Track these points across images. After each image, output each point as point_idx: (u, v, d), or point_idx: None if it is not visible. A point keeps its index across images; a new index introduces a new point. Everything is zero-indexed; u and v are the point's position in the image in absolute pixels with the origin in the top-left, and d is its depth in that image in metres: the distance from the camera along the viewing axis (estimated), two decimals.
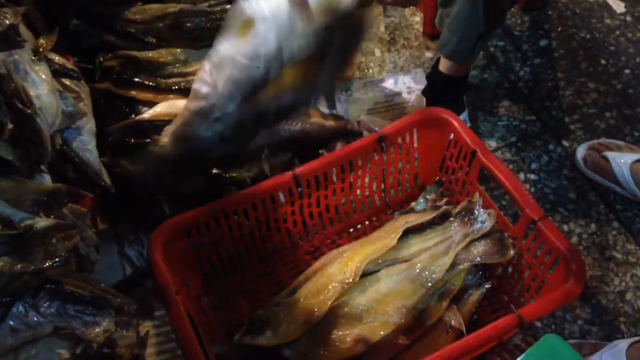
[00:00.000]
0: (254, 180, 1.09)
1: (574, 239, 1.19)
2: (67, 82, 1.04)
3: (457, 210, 1.04)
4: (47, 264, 0.77)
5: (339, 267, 0.96)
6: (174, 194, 1.10)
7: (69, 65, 1.08)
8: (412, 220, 1.02)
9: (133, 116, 1.15)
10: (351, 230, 1.17)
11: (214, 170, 1.10)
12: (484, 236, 1.01)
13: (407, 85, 1.45)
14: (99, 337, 0.80)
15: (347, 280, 0.93)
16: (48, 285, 0.80)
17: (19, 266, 0.73)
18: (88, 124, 1.03)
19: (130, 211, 1.13)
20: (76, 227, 0.82)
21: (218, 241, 1.05)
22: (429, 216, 1.02)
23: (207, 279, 1.08)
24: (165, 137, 1.09)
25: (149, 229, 0.99)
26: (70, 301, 0.80)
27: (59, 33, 1.01)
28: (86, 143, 1.00)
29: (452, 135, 1.09)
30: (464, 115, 1.32)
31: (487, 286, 1.02)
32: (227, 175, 1.10)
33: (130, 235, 1.13)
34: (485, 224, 1.01)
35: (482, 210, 1.03)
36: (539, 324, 1.08)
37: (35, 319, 0.77)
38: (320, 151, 1.17)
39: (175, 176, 0.92)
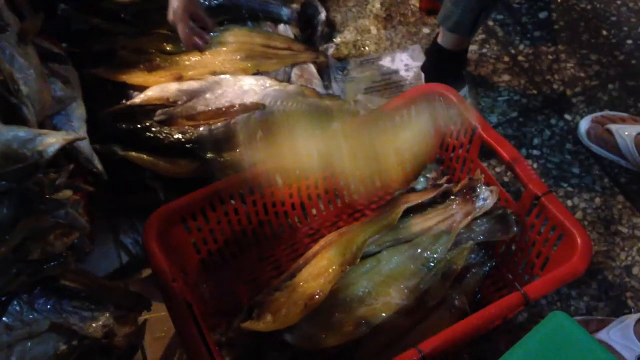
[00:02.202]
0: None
1: (579, 214, 1.17)
2: (55, 67, 1.02)
3: (458, 188, 1.02)
4: (45, 266, 0.76)
5: (339, 249, 0.94)
6: (169, 179, 1.08)
7: (57, 49, 1.06)
8: (413, 200, 1.00)
9: (124, 101, 1.13)
10: (351, 212, 1.15)
11: (209, 155, 1.09)
12: (487, 214, 0.99)
13: (405, 63, 1.42)
14: (97, 332, 0.79)
15: (348, 263, 0.91)
16: (44, 282, 0.79)
17: (15, 269, 0.71)
18: (78, 110, 1.01)
19: (124, 198, 1.11)
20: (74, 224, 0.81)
21: (215, 227, 1.03)
22: (430, 195, 1.00)
23: (205, 265, 1.07)
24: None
25: (144, 216, 0.97)
26: (67, 297, 0.79)
27: (47, 18, 0.99)
28: (77, 129, 0.99)
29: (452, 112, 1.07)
30: (464, 91, 1.30)
31: (490, 265, 1.01)
32: (222, 159, 1.09)
33: (125, 223, 1.11)
34: (488, 201, 0.99)
35: (484, 187, 1.01)
36: (544, 302, 1.07)
37: (32, 316, 0.76)
38: None
39: None
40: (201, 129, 1.10)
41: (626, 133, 1.19)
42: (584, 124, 1.27)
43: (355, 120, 1.11)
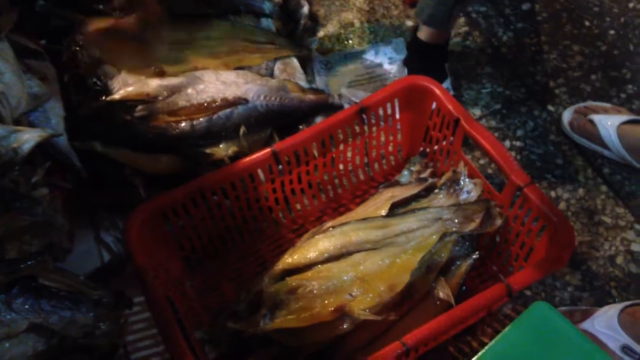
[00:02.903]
0: (232, 159, 1.06)
1: (562, 205, 1.18)
2: (31, 63, 1.00)
3: (442, 181, 1.02)
4: (22, 265, 0.75)
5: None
6: (150, 175, 1.07)
7: (33, 45, 1.04)
8: (398, 194, 1.00)
9: (104, 97, 1.11)
10: (335, 206, 1.15)
11: (191, 150, 1.08)
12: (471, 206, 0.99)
13: (389, 56, 1.42)
14: (77, 332, 0.78)
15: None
16: (22, 281, 0.77)
17: None
18: (55, 106, 0.99)
19: (105, 196, 1.10)
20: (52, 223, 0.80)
21: (197, 223, 1.02)
22: (414, 190, 1.00)
23: (188, 262, 1.06)
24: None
25: (125, 213, 0.97)
26: (45, 296, 0.78)
27: (25, 14, 0.97)
28: (54, 126, 0.97)
29: (434, 104, 1.07)
30: (446, 84, 1.30)
31: (474, 257, 1.01)
32: (204, 155, 1.08)
33: (106, 221, 1.10)
34: (472, 193, 0.99)
35: (467, 180, 1.01)
36: (528, 293, 1.07)
37: (9, 316, 0.75)
38: (300, 126, 1.14)
39: None
40: (182, 124, 1.09)
41: (609, 123, 1.19)
42: (567, 115, 1.27)
43: None
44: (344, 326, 0.90)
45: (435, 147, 1.11)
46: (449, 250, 0.98)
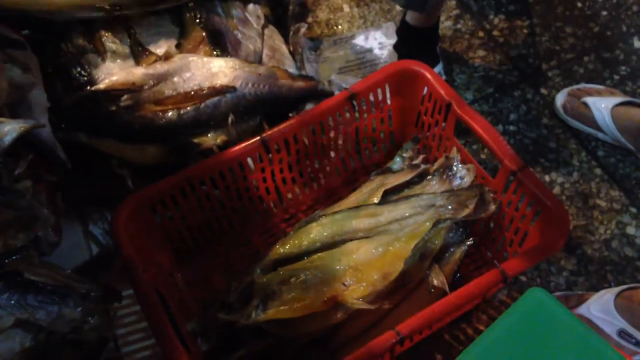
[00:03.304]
0: (220, 148, 1.05)
1: (556, 189, 1.17)
2: (13, 52, 0.98)
3: (434, 167, 1.01)
4: (7, 260, 0.74)
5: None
6: (137, 166, 1.05)
7: (15, 35, 1.02)
8: (390, 182, 0.99)
9: (88, 87, 1.09)
10: (328, 194, 1.14)
11: (178, 140, 1.06)
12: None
13: (379, 41, 1.40)
14: (64, 327, 0.77)
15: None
16: (7, 276, 0.76)
17: None
18: (38, 97, 0.97)
19: (92, 188, 1.08)
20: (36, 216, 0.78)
21: (186, 214, 1.01)
22: (407, 177, 0.99)
23: (178, 254, 1.05)
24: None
25: (113, 205, 0.95)
26: (31, 291, 0.77)
27: None
28: (37, 117, 0.95)
29: (426, 89, 1.06)
30: (438, 68, 1.28)
31: (468, 243, 1.00)
32: (192, 145, 1.06)
33: (94, 214, 1.09)
34: (465, 179, 0.98)
35: (460, 165, 1.00)
36: (523, 278, 1.07)
37: None
38: (289, 114, 1.12)
39: None
40: (169, 113, 1.07)
41: (602, 105, 1.18)
42: (560, 98, 1.26)
43: None
44: (338, 316, 0.89)
45: (428, 133, 1.10)
46: (442, 237, 0.97)
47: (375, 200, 0.99)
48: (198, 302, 1.02)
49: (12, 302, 0.75)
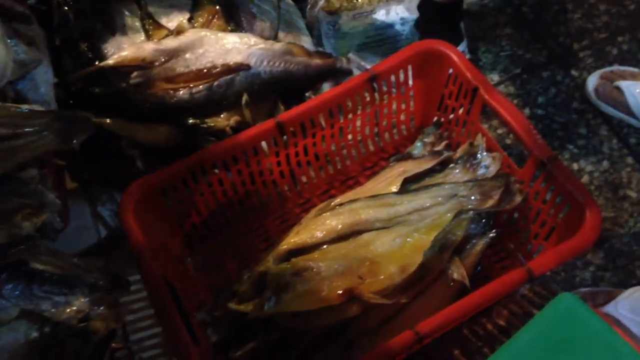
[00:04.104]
0: (234, 130, 1.01)
1: (585, 178, 1.13)
2: (18, 26, 0.95)
3: (458, 155, 0.97)
4: (13, 250, 0.71)
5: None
6: (148, 147, 1.02)
7: (20, 7, 0.98)
8: (410, 169, 0.95)
9: (97, 63, 1.06)
10: (344, 178, 1.11)
11: (190, 120, 1.03)
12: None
13: (400, 16, 1.35)
14: (71, 318, 0.75)
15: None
16: (11, 266, 0.74)
17: None
18: (45, 73, 0.94)
19: (100, 169, 1.06)
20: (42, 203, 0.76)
21: (197, 198, 0.98)
22: (428, 164, 0.96)
23: (189, 239, 1.03)
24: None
25: (123, 186, 0.93)
26: (37, 281, 0.74)
27: None
28: (43, 95, 0.92)
29: (450, 71, 1.01)
30: (462, 46, 1.23)
31: (491, 235, 0.96)
32: (205, 125, 1.03)
33: (102, 194, 1.06)
34: (490, 168, 0.95)
35: (485, 153, 0.96)
36: (547, 272, 1.03)
37: None
38: (306, 94, 1.09)
39: None
40: (181, 92, 1.04)
41: (637, 90, 1.14)
42: (592, 81, 1.21)
43: None
44: (353, 310, 0.87)
45: (451, 117, 1.06)
46: (464, 228, 0.94)
47: (394, 189, 0.95)
48: (209, 289, 1.00)
49: (17, 292, 0.73)
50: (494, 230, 0.97)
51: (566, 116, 1.20)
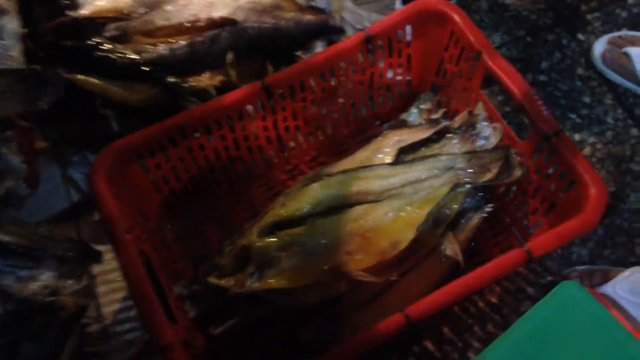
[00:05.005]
0: (217, 91, 0.96)
1: (587, 150, 1.09)
2: None
3: (456, 124, 0.92)
4: None
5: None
6: (123, 107, 0.97)
7: None
8: (406, 138, 0.91)
9: (69, 13, 0.99)
10: (334, 144, 1.06)
11: (170, 79, 0.97)
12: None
13: None
14: (37, 293, 0.71)
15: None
16: None
17: None
18: (10, 24, 0.88)
19: (72, 128, 1.00)
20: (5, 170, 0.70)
21: (177, 164, 0.93)
22: (424, 134, 0.91)
23: (168, 206, 0.98)
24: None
25: (96, 147, 0.88)
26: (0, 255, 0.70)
27: None
28: (9, 48, 0.86)
29: (452, 32, 0.95)
30: None
31: (487, 210, 0.93)
32: (186, 85, 0.97)
33: (74, 156, 1.01)
34: (490, 140, 0.90)
35: (485, 123, 0.91)
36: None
37: None
38: (296, 53, 1.03)
39: None
40: (160, 47, 0.98)
41: None
42: (599, 46, 1.16)
43: None
44: (341, 287, 0.83)
45: (450, 83, 1.00)
46: (459, 202, 0.90)
47: (388, 159, 0.91)
48: (189, 258, 0.96)
49: None
50: (490, 205, 0.93)
51: (570, 83, 1.15)
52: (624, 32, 1.18)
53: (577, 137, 1.10)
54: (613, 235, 1.01)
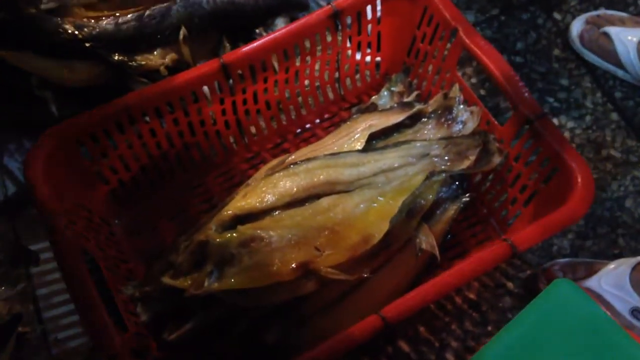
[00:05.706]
0: (169, 70, 0.89)
1: (566, 135, 1.05)
2: None
3: (431, 108, 0.87)
4: None
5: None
6: (63, 88, 0.89)
7: None
8: (377, 123, 0.85)
9: None
10: (298, 130, 1.00)
11: (116, 57, 0.89)
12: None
13: None
14: None
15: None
16: None
17: None
18: None
19: (7, 112, 0.92)
20: None
21: (125, 152, 0.86)
22: (396, 118, 0.85)
23: (116, 198, 0.91)
24: None
25: (34, 134, 0.80)
26: None
27: None
28: None
29: (425, 9, 0.90)
30: None
31: (465, 200, 0.89)
32: (134, 63, 0.90)
33: (10, 143, 0.93)
34: (468, 124, 0.86)
35: (462, 107, 0.87)
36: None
37: None
38: (256, 30, 0.96)
39: None
40: (104, 21, 0.91)
41: (628, 37, 1.05)
42: (576, 25, 1.13)
43: None
44: (308, 286, 0.78)
45: (423, 63, 0.95)
46: (435, 191, 0.86)
47: (359, 146, 0.85)
48: (140, 256, 0.89)
49: None
50: (467, 194, 0.89)
51: (547, 65, 1.12)
52: (603, 11, 1.14)
53: (555, 121, 1.07)
54: (594, 226, 0.98)
